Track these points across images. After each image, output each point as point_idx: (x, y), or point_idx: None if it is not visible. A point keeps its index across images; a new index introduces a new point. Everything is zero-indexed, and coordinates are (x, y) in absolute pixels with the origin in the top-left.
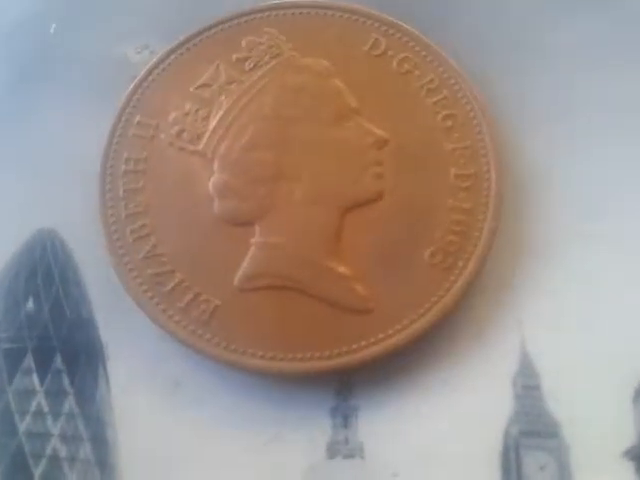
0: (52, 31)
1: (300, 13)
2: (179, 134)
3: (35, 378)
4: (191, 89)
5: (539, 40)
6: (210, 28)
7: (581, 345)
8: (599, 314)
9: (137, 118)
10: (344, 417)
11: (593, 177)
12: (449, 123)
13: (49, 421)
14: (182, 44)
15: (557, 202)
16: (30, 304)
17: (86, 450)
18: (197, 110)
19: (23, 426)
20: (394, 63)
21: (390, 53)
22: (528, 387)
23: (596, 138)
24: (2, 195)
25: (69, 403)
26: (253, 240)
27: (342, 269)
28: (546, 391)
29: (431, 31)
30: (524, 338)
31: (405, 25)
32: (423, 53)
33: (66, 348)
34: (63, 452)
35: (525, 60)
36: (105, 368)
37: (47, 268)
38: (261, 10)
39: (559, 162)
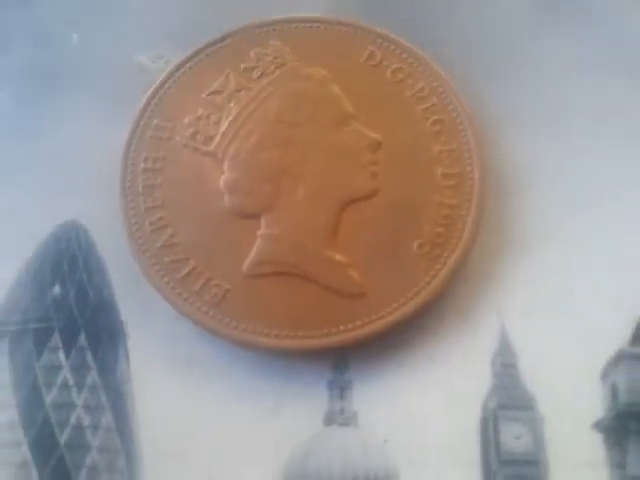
0: (74, 41)
1: (303, 27)
2: (193, 136)
3: (61, 354)
4: (203, 95)
5: (523, 49)
6: (221, 40)
7: (555, 328)
8: (571, 301)
9: (155, 121)
10: (340, 389)
11: (569, 177)
12: (437, 127)
13: (74, 393)
14: (195, 54)
15: (535, 200)
16: (57, 289)
17: (107, 419)
18: (209, 115)
19: (50, 398)
20: (388, 73)
21: (385, 63)
22: (506, 365)
23: (573, 141)
24: (32, 190)
25: (92, 376)
26: (259, 232)
27: (339, 257)
28: (522, 369)
29: (422, 43)
30: (503, 321)
31: (399, 38)
32: (415, 64)
33: (89, 328)
34: (86, 421)
35: (509, 68)
36: (125, 346)
37: (72, 257)
38: (267, 24)
39: (538, 163)
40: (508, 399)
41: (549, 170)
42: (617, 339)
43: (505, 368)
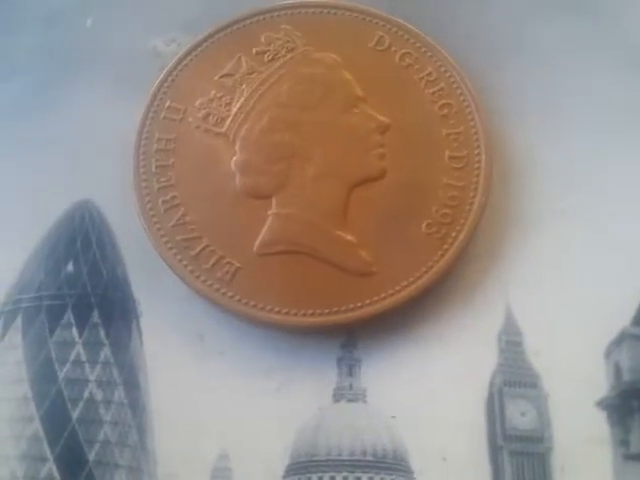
0: (88, 25)
1: (313, 12)
2: (205, 118)
3: (74, 331)
4: (215, 78)
5: (528, 37)
6: (232, 24)
7: (559, 306)
8: (575, 279)
9: (167, 103)
10: (349, 367)
11: (572, 159)
12: (445, 111)
13: (87, 369)
14: (207, 38)
15: (539, 181)
16: (70, 266)
17: (120, 394)
18: (221, 97)
19: (63, 373)
20: (396, 57)
21: (393, 49)
22: (511, 342)
23: (576, 126)
24: (46, 170)
25: (105, 353)
26: (270, 211)
27: (349, 237)
28: (527, 346)
29: (431, 30)
30: (509, 299)
31: (407, 24)
32: (423, 49)
33: (103, 305)
34: (99, 396)
35: (514, 55)
36: (138, 322)
37: (85, 235)
38: (278, 9)
39: (542, 146)
40: (513, 376)
41: (552, 152)
42: (621, 318)
43: (510, 345)
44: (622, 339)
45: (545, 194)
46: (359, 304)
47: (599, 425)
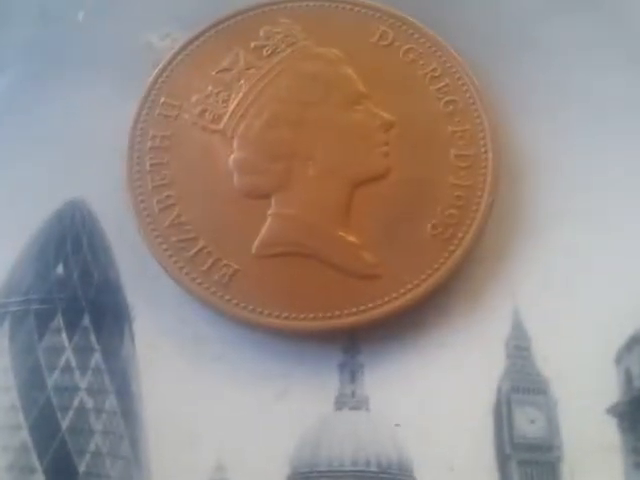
0: (80, 19)
1: (314, 5)
2: (201, 114)
3: (64, 336)
4: (212, 73)
5: (536, 33)
6: (230, 18)
7: (568, 310)
8: (585, 282)
9: (162, 99)
10: (351, 373)
11: (581, 159)
12: (450, 108)
13: (77, 375)
14: (203, 32)
15: (548, 181)
16: (60, 269)
17: (112, 402)
18: (218, 92)
19: (52, 380)
20: (400, 53)
21: (397, 44)
22: (519, 348)
23: (585, 124)
24: (35, 168)
25: (96, 359)
26: (270, 211)
27: (351, 238)
28: (535, 352)
29: (435, 24)
30: (516, 303)
31: (411, 18)
32: (427, 44)
33: (94, 309)
34: (90, 404)
35: (521, 51)
36: (130, 327)
37: (76, 236)
38: (278, 2)
39: (551, 145)
40: (522, 382)
41: (560, 151)
42: (632, 322)
43: (518, 350)
44: (633, 344)
45: (555, 193)
46: (362, 307)
47: (610, 432)
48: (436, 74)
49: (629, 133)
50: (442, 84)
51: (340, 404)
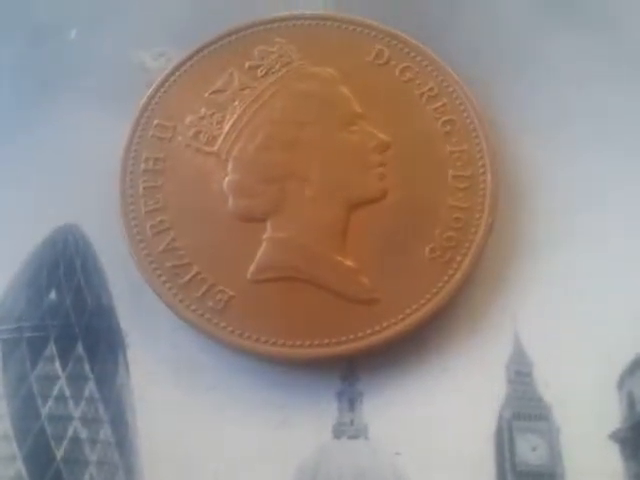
0: (72, 37)
1: (309, 24)
2: (195, 136)
3: (57, 364)
4: (206, 94)
5: (535, 50)
6: (224, 37)
7: (570, 334)
8: (587, 305)
9: (156, 121)
10: (350, 401)
11: (583, 177)
12: (448, 128)
13: (71, 405)
14: (197, 52)
15: (548, 202)
16: (53, 295)
17: (106, 432)
18: (212, 114)
19: (45, 410)
20: (396, 72)
21: (393, 62)
22: (520, 373)
23: (584, 143)
24: (28, 192)
25: (90, 388)
26: (265, 235)
27: (349, 262)
28: (537, 377)
29: (432, 42)
30: (517, 327)
31: (407, 37)
32: (424, 63)
33: (87, 336)
34: (84, 434)
35: (519, 69)
36: (125, 355)
37: (69, 261)
38: (272, 21)
39: (550, 165)
40: (523, 409)
41: (560, 172)
42: (634, 346)
43: (520, 376)
44: (636, 368)
45: (555, 214)
46: (360, 334)
47: (612, 459)
48: (433, 93)
49: (636, 151)
50: (439, 104)
51: (339, 433)
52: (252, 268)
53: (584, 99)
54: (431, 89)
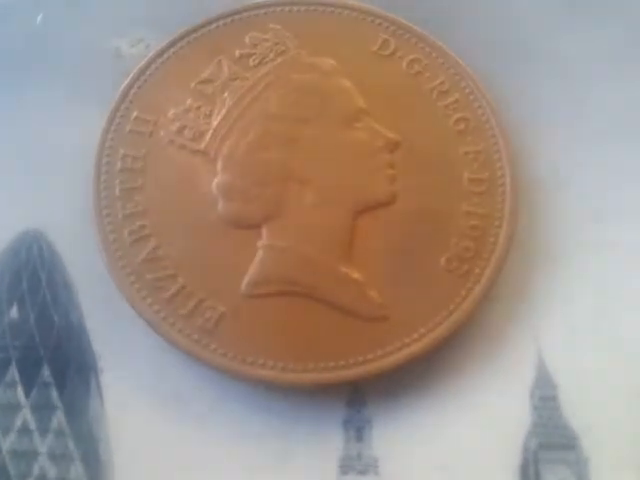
0: (38, 21)
1: (307, 10)
2: (180, 131)
3: (20, 391)
4: (192, 85)
5: (551, 44)
6: (211, 22)
7: (597, 354)
8: (616, 323)
9: (134, 113)
10: (357, 430)
11: (610, 182)
12: (461, 126)
13: (36, 438)
14: (181, 38)
15: (574, 208)
16: (14, 311)
17: (77, 470)
18: (199, 107)
19: (7, 444)
20: (403, 64)
21: (399, 54)
22: (545, 398)
23: (613, 143)
24: None
25: (58, 419)
26: (260, 243)
27: (355, 275)
28: (563, 402)
29: (442, 34)
30: (540, 347)
31: (415, 26)
32: (433, 55)
33: (54, 359)
34: (52, 472)
35: (539, 61)
36: (98, 380)
37: (33, 272)
38: (266, 5)
39: (576, 167)
40: (549, 437)
41: (587, 174)
42: None
43: (545, 402)
44: None
45: (581, 222)
46: (369, 356)
47: None
48: (444, 88)
49: None
50: (451, 99)
51: (345, 468)
52: (246, 281)
53: (610, 94)
54: (442, 83)
